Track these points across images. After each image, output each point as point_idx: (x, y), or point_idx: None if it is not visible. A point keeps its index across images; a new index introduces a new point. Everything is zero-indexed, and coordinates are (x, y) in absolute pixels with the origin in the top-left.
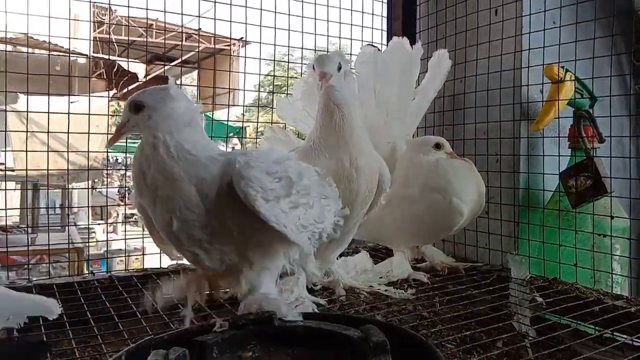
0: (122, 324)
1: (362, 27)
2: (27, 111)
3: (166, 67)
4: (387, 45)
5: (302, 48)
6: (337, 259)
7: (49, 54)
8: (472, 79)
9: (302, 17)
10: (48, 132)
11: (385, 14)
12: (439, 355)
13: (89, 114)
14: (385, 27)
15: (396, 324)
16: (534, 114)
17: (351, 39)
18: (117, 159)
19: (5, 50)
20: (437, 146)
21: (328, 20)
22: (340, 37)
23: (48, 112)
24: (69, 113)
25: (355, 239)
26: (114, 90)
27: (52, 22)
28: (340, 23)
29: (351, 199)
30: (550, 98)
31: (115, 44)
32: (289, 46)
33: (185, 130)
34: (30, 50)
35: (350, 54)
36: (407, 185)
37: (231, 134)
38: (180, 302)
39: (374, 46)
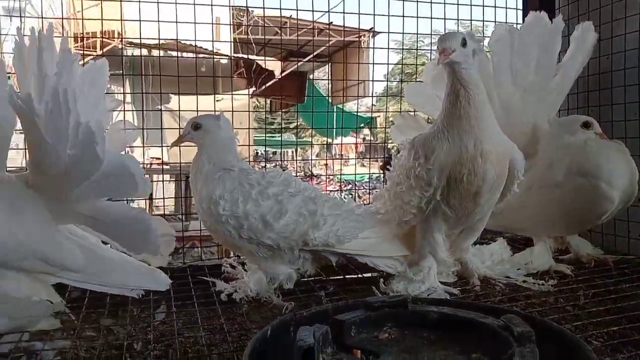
0: (264, 302)
1: (495, 7)
2: (179, 110)
3: (299, 63)
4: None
5: (431, 34)
6: (471, 247)
7: (195, 57)
8: (620, 55)
9: (431, 2)
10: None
11: None
12: (587, 350)
13: (232, 111)
14: (520, 6)
15: (537, 316)
16: None
17: (483, 21)
18: (257, 152)
19: (159, 56)
20: (586, 125)
21: (458, 4)
22: (471, 20)
23: (197, 110)
24: (214, 111)
25: (491, 229)
26: (253, 88)
27: (197, 27)
28: (471, 5)
29: (477, 184)
30: None
31: (253, 43)
32: (417, 33)
33: (222, 150)
34: (182, 54)
35: (483, 36)
36: (550, 169)
37: (362, 125)
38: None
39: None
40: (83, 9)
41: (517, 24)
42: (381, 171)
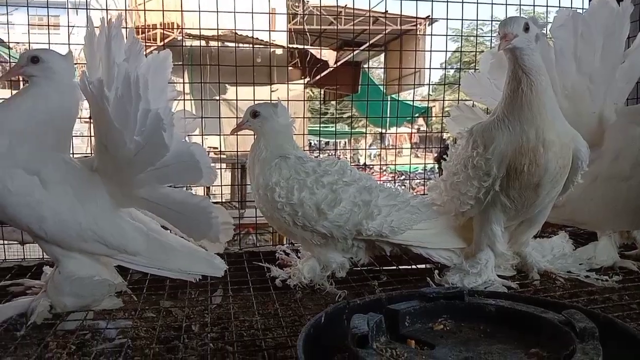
0: (317, 290)
1: None
2: (237, 100)
3: (355, 52)
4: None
5: (491, 20)
6: (531, 240)
7: (252, 47)
8: None
9: None
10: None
11: None
12: None
13: (287, 100)
14: None
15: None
16: None
17: (547, 6)
18: (310, 143)
19: (218, 47)
20: None
21: None
22: (534, 5)
23: (253, 100)
24: (270, 101)
25: (552, 222)
26: (307, 78)
27: (253, 17)
28: None
29: (539, 174)
30: None
31: (307, 33)
32: (477, 20)
33: (279, 137)
34: (236, 45)
35: (546, 22)
36: (616, 160)
37: (417, 115)
38: None
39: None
40: (145, 1)
41: (582, 9)
42: (436, 162)
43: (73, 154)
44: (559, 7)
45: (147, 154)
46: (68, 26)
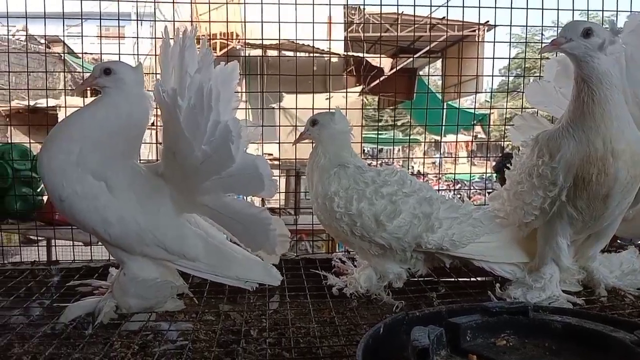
0: (374, 299)
1: None
2: (296, 108)
3: (411, 59)
4: None
5: (557, 26)
6: (598, 255)
7: (312, 56)
8: None
9: None
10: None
11: None
12: None
13: (346, 109)
14: None
15: None
16: None
17: (617, 11)
18: (364, 150)
19: (279, 56)
20: None
21: None
22: (603, 10)
23: (312, 108)
24: (329, 109)
25: (621, 236)
26: (362, 85)
27: (309, 26)
28: None
29: (608, 185)
30: None
31: (364, 41)
32: (542, 26)
33: (337, 144)
34: (293, 54)
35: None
36: None
37: (474, 122)
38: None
39: None
40: (210, 10)
41: None
42: (494, 171)
43: (139, 159)
44: (630, 11)
45: (214, 163)
46: (137, 37)
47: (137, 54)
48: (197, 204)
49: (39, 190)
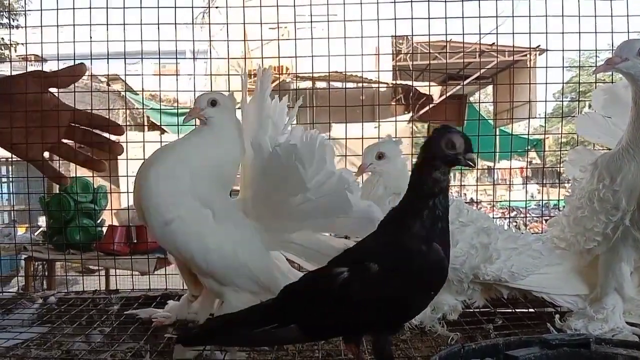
0: (428, 331)
1: None
2: (345, 138)
3: (459, 86)
4: None
5: (611, 49)
6: None
7: (362, 87)
8: None
9: (612, 16)
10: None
11: None
12: None
13: (396, 137)
14: None
15: None
16: None
17: None
18: None
19: (329, 88)
20: None
21: None
22: None
23: (362, 138)
24: (379, 138)
25: None
26: (411, 113)
27: (358, 58)
28: None
29: None
30: None
31: (412, 70)
32: (596, 50)
33: (400, 175)
34: (343, 84)
35: None
36: None
37: (528, 147)
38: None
39: None
40: (262, 46)
41: None
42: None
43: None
44: None
45: (329, 210)
46: (194, 75)
47: (194, 90)
48: (285, 241)
49: (99, 221)
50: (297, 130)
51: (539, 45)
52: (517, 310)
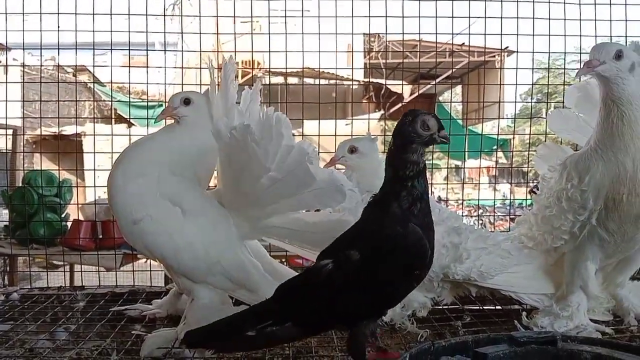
0: (398, 328)
1: None
2: (319, 135)
3: (431, 85)
4: None
5: (580, 52)
6: (627, 283)
7: (335, 84)
8: None
9: (580, 20)
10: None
11: None
12: None
13: (368, 135)
14: None
15: None
16: None
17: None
18: None
19: (302, 84)
20: None
21: (611, 20)
22: (626, 36)
23: (335, 135)
24: (351, 135)
25: None
26: (382, 111)
27: (329, 54)
28: (626, 21)
29: (638, 206)
30: None
31: (384, 68)
32: (565, 52)
33: (374, 172)
34: (315, 81)
35: None
36: None
37: (494, 147)
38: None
39: None
40: (235, 39)
41: None
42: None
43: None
44: None
45: (293, 185)
46: (164, 67)
47: (165, 83)
48: (264, 227)
49: (63, 215)
50: (254, 111)
51: (507, 47)
52: (484, 307)
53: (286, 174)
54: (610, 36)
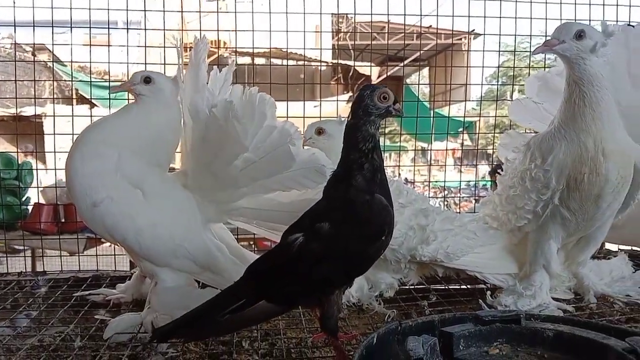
0: (365, 309)
1: (617, 5)
2: (287, 117)
3: (399, 67)
4: None
5: (545, 35)
6: (589, 262)
7: (304, 65)
8: None
9: (546, 2)
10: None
11: None
12: None
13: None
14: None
15: None
16: None
17: (604, 21)
18: None
19: (270, 65)
20: None
21: (576, 4)
22: (590, 20)
23: (304, 117)
24: (320, 117)
25: (611, 243)
26: (350, 93)
27: (299, 35)
28: (590, 5)
29: (599, 184)
30: None
31: (352, 49)
32: (530, 35)
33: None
34: (283, 62)
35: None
36: None
37: (460, 129)
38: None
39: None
40: (200, 18)
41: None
42: (491, 178)
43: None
44: (616, 21)
45: (273, 165)
46: (127, 46)
47: (128, 63)
48: (233, 209)
49: (24, 199)
50: (237, 89)
51: (474, 30)
52: (450, 287)
53: (264, 155)
54: (575, 19)
